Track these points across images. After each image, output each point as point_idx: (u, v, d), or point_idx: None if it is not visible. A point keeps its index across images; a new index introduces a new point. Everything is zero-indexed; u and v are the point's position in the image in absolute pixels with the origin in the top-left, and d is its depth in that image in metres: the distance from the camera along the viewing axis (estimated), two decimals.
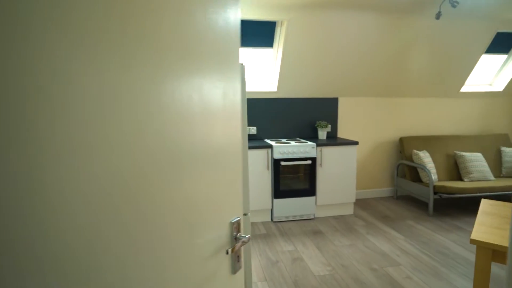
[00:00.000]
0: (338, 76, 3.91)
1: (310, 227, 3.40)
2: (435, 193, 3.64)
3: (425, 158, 3.91)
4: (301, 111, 4.08)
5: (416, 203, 4.15)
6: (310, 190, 3.59)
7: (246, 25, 3.49)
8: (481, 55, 4.05)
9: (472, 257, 2.71)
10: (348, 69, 3.86)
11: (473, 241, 1.32)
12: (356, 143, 3.64)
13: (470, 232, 3.21)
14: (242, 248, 0.92)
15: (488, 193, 3.54)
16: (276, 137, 4.05)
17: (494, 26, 3.78)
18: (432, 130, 4.57)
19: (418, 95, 4.39)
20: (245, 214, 1.85)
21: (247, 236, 0.91)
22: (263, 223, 3.54)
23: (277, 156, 3.44)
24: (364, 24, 3.44)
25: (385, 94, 4.28)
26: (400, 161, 4.19)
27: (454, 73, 4.18)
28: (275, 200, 3.51)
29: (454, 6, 2.83)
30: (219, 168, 0.83)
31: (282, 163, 3.43)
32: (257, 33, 3.59)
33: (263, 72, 3.91)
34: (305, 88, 3.96)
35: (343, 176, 3.67)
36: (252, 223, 3.53)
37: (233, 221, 0.90)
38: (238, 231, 0.91)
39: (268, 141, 3.80)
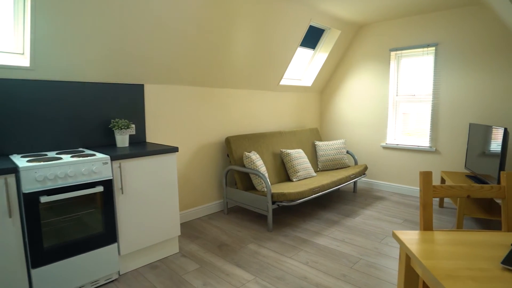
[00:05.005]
0: (143, 52, 2.62)
1: None
2: (273, 202, 3.02)
3: (257, 160, 3.26)
4: (85, 103, 2.51)
5: (249, 215, 3.46)
6: (106, 235, 2.13)
7: None
8: (297, 46, 3.81)
9: (333, 283, 2.13)
10: (157, 42, 2.63)
11: None
12: (175, 149, 2.48)
13: (314, 243, 2.73)
14: None
15: (320, 193, 3.24)
16: (34, 149, 2.30)
17: (309, 15, 3.55)
18: (257, 127, 4.04)
19: (242, 87, 3.73)
20: None
21: None
22: None
23: (30, 187, 1.77)
24: None
25: (206, 83, 3.35)
26: (229, 167, 3.38)
27: (275, 63, 3.77)
28: (36, 271, 1.84)
29: None
30: None
31: (43, 198, 1.81)
32: None
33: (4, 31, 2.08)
34: (88, 66, 2.43)
35: (160, 201, 2.43)
36: None
37: None
38: None
39: (14, 158, 2.03)
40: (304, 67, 4.52)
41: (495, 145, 2.85)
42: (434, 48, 3.82)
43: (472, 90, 3.58)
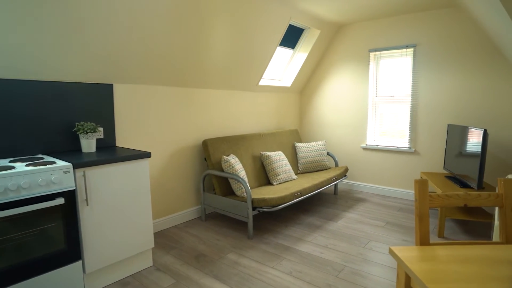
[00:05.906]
0: (112, 49, 2.39)
1: None
2: (254, 208, 2.88)
3: (236, 164, 3.10)
4: (45, 105, 2.25)
5: (228, 222, 3.30)
6: (69, 252, 1.91)
7: None
8: (276, 45, 3.69)
9: None
10: (128, 38, 2.41)
11: None
12: (147, 154, 2.28)
13: (297, 250, 2.62)
14: None
15: (302, 197, 3.14)
16: None
17: (288, 14, 3.44)
18: (235, 129, 3.89)
19: (219, 87, 3.56)
20: None
21: None
22: None
23: None
24: None
25: (181, 83, 3.15)
26: (207, 171, 3.21)
27: (254, 62, 3.63)
28: None
29: None
30: None
31: None
32: None
33: None
34: (48, 64, 2.17)
35: (131, 211, 2.22)
36: None
37: None
38: None
39: None
40: (284, 67, 4.41)
41: (472, 145, 2.85)
42: (412, 49, 3.82)
43: (450, 91, 3.60)
